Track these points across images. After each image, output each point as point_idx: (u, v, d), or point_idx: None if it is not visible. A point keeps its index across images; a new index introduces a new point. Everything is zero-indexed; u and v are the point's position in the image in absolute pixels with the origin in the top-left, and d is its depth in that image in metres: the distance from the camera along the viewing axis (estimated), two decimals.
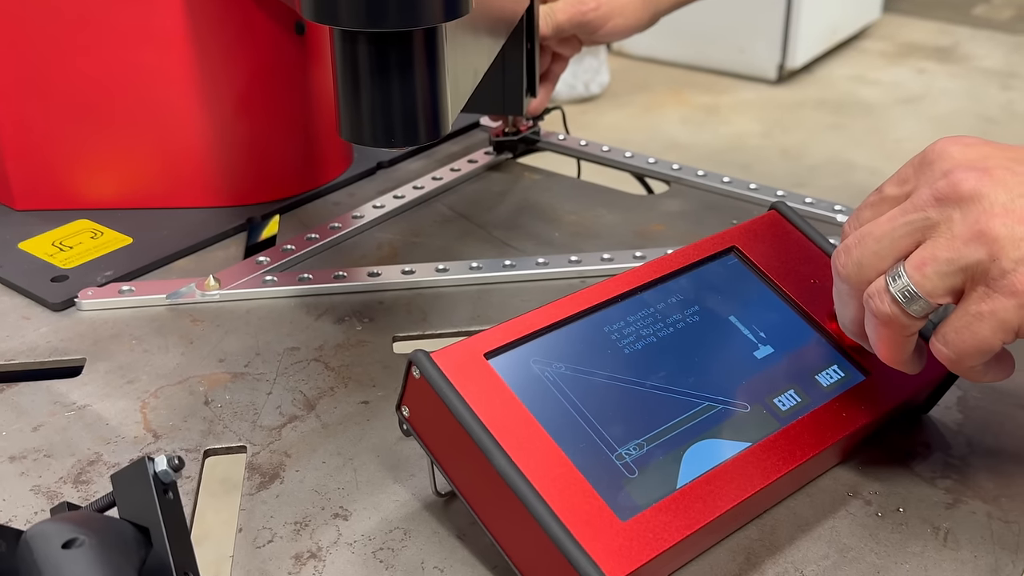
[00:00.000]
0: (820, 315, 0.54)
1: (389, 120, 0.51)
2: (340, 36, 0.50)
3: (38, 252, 0.70)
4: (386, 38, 0.49)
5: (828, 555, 0.47)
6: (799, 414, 0.49)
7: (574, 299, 0.51)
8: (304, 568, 0.47)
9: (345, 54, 0.50)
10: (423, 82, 0.51)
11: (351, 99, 0.51)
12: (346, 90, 0.51)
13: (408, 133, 0.52)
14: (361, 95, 0.51)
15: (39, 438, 0.54)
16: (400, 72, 0.50)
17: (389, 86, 0.50)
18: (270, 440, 0.54)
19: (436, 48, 0.50)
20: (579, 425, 0.46)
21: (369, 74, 0.50)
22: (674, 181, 0.83)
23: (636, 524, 0.42)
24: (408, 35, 0.49)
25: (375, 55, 0.49)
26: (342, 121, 0.53)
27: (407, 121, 0.52)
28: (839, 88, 3.08)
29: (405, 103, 0.51)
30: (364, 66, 0.50)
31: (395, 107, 0.51)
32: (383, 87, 0.50)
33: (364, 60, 0.50)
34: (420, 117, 0.52)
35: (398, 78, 0.50)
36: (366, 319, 0.65)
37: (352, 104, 0.51)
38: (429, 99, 0.51)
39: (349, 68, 0.50)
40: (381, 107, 0.51)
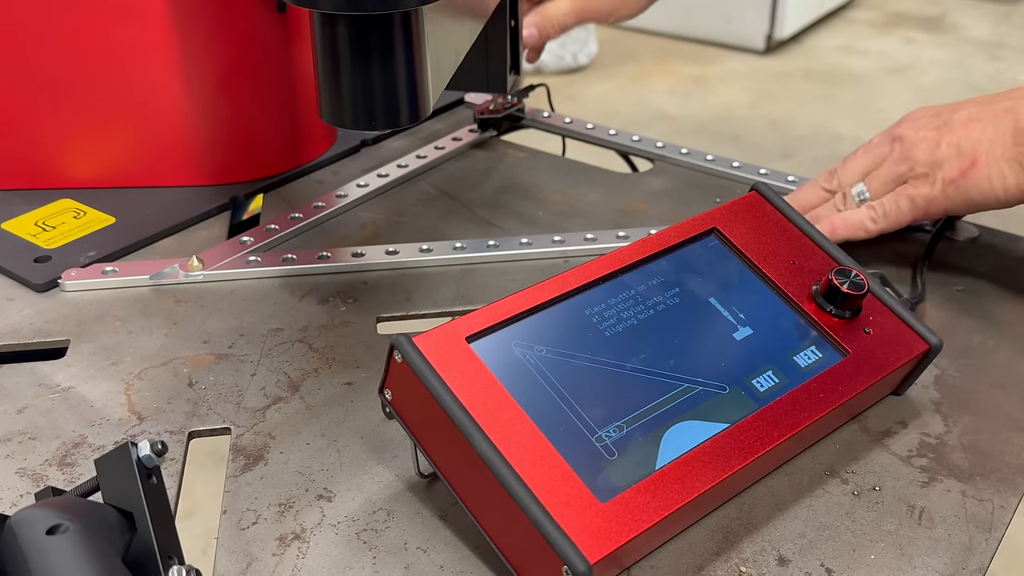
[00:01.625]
0: (799, 296, 0.54)
1: (370, 103, 0.51)
2: (320, 19, 0.50)
3: (21, 232, 0.70)
4: (366, 21, 0.49)
5: (805, 533, 0.48)
6: (777, 395, 0.49)
7: (555, 282, 0.51)
8: (288, 549, 0.47)
9: (325, 37, 0.50)
10: (403, 65, 0.51)
11: (331, 82, 0.51)
12: (326, 73, 0.51)
13: (389, 116, 0.52)
14: (341, 78, 0.51)
15: (24, 420, 0.55)
16: (380, 55, 0.50)
17: (369, 69, 0.50)
18: (254, 422, 0.55)
19: (415, 31, 0.50)
20: (560, 408, 0.46)
21: (349, 57, 0.50)
22: (658, 159, 0.84)
23: (615, 505, 0.43)
24: (388, 18, 0.49)
25: (355, 38, 0.49)
26: (323, 104, 0.53)
27: (388, 104, 0.52)
28: (827, 58, 3.07)
29: (386, 86, 0.51)
30: (344, 49, 0.50)
31: (376, 90, 0.51)
32: (363, 70, 0.50)
33: (344, 43, 0.50)
34: (401, 100, 0.52)
35: (378, 61, 0.50)
36: (350, 299, 0.66)
37: (333, 87, 0.51)
38: (409, 82, 0.51)
39: (329, 51, 0.50)
40: (362, 90, 0.51)
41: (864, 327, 0.54)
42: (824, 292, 0.53)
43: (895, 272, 0.68)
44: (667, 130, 2.56)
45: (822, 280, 0.54)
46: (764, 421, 0.48)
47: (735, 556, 0.47)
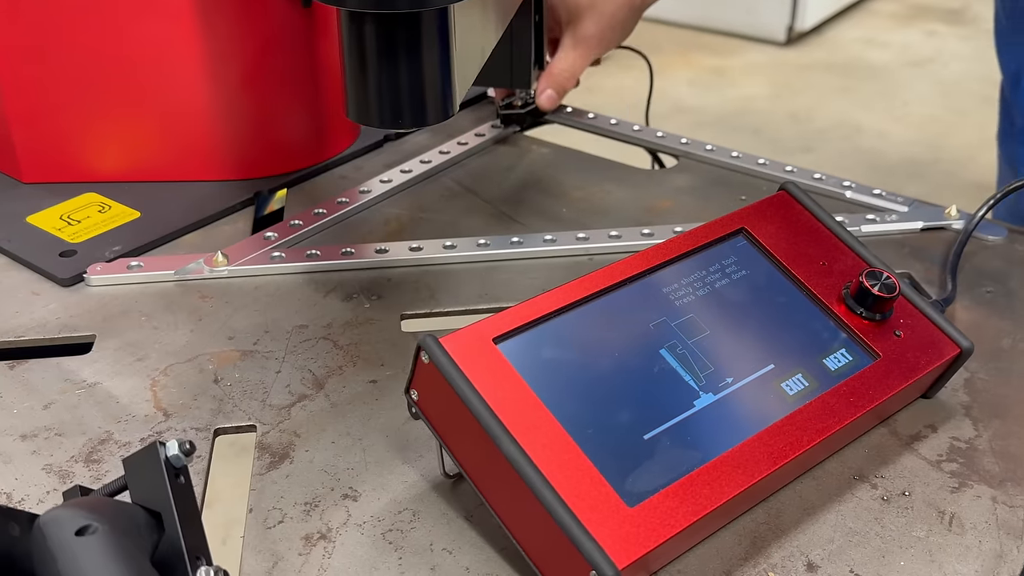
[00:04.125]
0: (829, 298, 0.54)
1: (397, 102, 0.51)
2: (347, 17, 0.49)
3: (46, 226, 0.70)
4: (395, 19, 0.48)
5: (833, 539, 0.48)
6: (807, 399, 0.49)
7: (582, 283, 0.50)
8: (314, 549, 0.47)
9: (352, 35, 0.50)
10: (431, 63, 0.50)
11: (358, 80, 0.51)
12: (353, 71, 0.51)
13: (416, 114, 0.52)
14: (368, 76, 0.50)
15: (50, 416, 0.55)
16: (408, 54, 0.49)
17: (397, 68, 0.50)
18: (279, 419, 0.55)
19: (445, 29, 0.50)
20: (587, 410, 0.46)
21: (377, 56, 0.50)
22: (682, 155, 0.83)
23: (643, 510, 0.43)
24: (416, 16, 0.49)
25: (383, 37, 0.49)
26: (349, 102, 0.52)
27: (415, 103, 0.51)
28: (848, 50, 3.05)
29: (413, 85, 0.50)
30: (372, 48, 0.49)
31: (403, 89, 0.50)
32: (392, 69, 0.50)
33: (372, 42, 0.49)
34: (428, 99, 0.51)
35: (407, 60, 0.50)
36: (374, 296, 0.65)
37: (359, 85, 0.51)
38: (438, 81, 0.51)
39: (356, 49, 0.50)
40: (389, 89, 0.50)
41: (895, 330, 0.53)
42: (854, 294, 0.53)
43: (922, 272, 0.67)
44: (686, 122, 2.55)
45: (852, 282, 0.53)
46: (794, 425, 0.48)
47: (763, 561, 0.46)
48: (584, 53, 0.83)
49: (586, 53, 0.83)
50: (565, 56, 0.83)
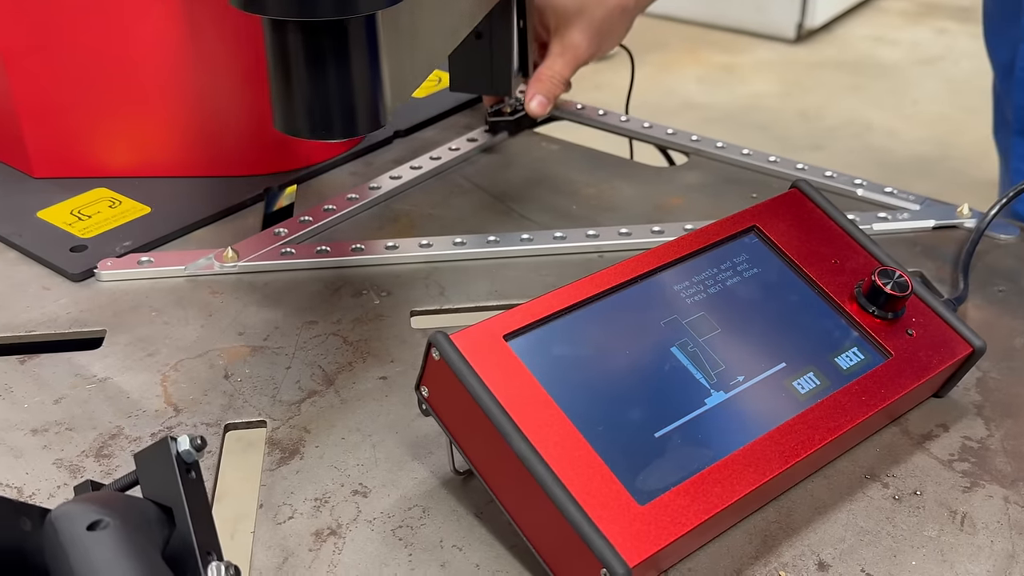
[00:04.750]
0: (841, 296, 0.53)
1: (326, 112, 0.49)
2: (270, 25, 0.48)
3: (56, 221, 0.70)
4: (320, 27, 0.47)
5: (845, 538, 0.47)
6: (818, 397, 0.49)
7: (593, 280, 0.50)
8: (324, 545, 0.47)
9: (276, 44, 0.48)
10: (360, 72, 0.49)
11: (283, 90, 0.49)
12: (278, 80, 0.49)
13: (346, 125, 0.50)
14: (294, 86, 0.48)
15: (60, 411, 0.55)
16: (333, 63, 0.48)
17: (322, 77, 0.48)
18: (290, 415, 0.55)
19: (373, 36, 0.48)
20: (598, 408, 0.46)
21: (303, 65, 0.48)
22: (693, 152, 0.83)
23: (654, 508, 0.43)
24: (341, 24, 0.47)
25: (307, 45, 0.47)
26: (275, 112, 0.50)
27: (344, 113, 0.49)
28: (858, 48, 3.04)
29: (342, 94, 0.49)
30: (297, 56, 0.48)
31: (332, 98, 0.49)
32: (318, 78, 0.48)
33: (297, 50, 0.47)
34: (359, 108, 0.50)
35: (334, 69, 0.48)
36: (384, 292, 0.65)
37: (285, 95, 0.49)
38: (366, 89, 0.49)
39: (281, 58, 0.48)
40: (317, 98, 0.49)
41: (907, 328, 0.53)
42: (867, 293, 0.53)
43: (934, 271, 0.67)
44: (695, 119, 2.54)
45: (865, 280, 0.53)
46: (805, 424, 0.47)
47: (774, 560, 0.46)
48: (572, 60, 0.82)
49: (574, 59, 0.82)
50: (553, 62, 0.82)
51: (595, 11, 0.81)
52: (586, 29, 0.81)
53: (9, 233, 0.69)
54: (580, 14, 0.81)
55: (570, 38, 0.81)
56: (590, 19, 0.81)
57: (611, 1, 0.82)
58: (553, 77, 0.82)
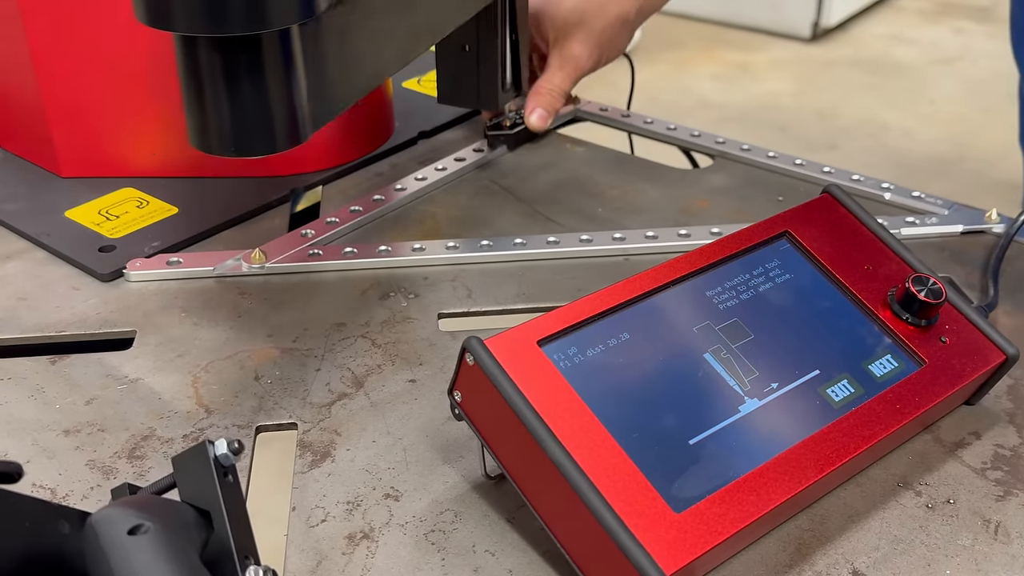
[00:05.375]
0: (874, 303, 0.53)
1: (237, 128, 0.48)
2: (180, 40, 0.46)
3: (85, 221, 0.71)
4: (228, 43, 0.45)
5: (879, 547, 0.47)
6: (852, 405, 0.49)
7: (626, 285, 0.50)
8: (358, 548, 0.47)
9: (185, 59, 0.46)
10: (275, 88, 0.47)
11: (194, 105, 0.48)
12: (189, 96, 0.48)
13: (262, 142, 0.49)
14: (206, 102, 0.47)
15: (92, 412, 0.55)
16: (246, 79, 0.46)
17: (235, 94, 0.47)
18: (320, 418, 0.55)
19: (287, 51, 0.47)
20: (632, 414, 0.46)
21: (212, 81, 0.46)
22: (718, 155, 0.82)
23: (690, 516, 0.43)
24: (251, 40, 0.46)
25: (217, 61, 0.46)
26: (189, 127, 0.49)
27: (256, 129, 0.48)
28: (874, 47, 3.02)
29: (253, 111, 0.47)
30: (206, 72, 0.46)
31: (243, 115, 0.47)
32: (228, 95, 0.47)
33: (205, 66, 0.46)
34: (274, 124, 0.48)
35: (243, 85, 0.46)
36: (411, 295, 0.65)
37: (196, 111, 0.48)
38: (282, 106, 0.48)
39: (190, 74, 0.47)
40: (230, 115, 0.47)
41: (940, 336, 0.53)
42: (900, 299, 0.52)
43: (963, 277, 0.67)
44: (710, 118, 2.54)
45: (898, 287, 0.53)
46: (840, 432, 0.47)
47: (808, 569, 0.46)
48: (572, 72, 0.81)
49: (574, 72, 0.81)
50: (553, 75, 0.81)
51: (595, 22, 0.80)
52: (586, 40, 0.80)
53: (38, 233, 0.70)
54: (580, 25, 0.80)
55: (570, 50, 0.80)
56: (590, 30, 0.80)
57: (611, 12, 0.80)
58: (553, 90, 0.80)
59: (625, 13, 0.81)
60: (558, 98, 0.81)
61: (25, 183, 0.75)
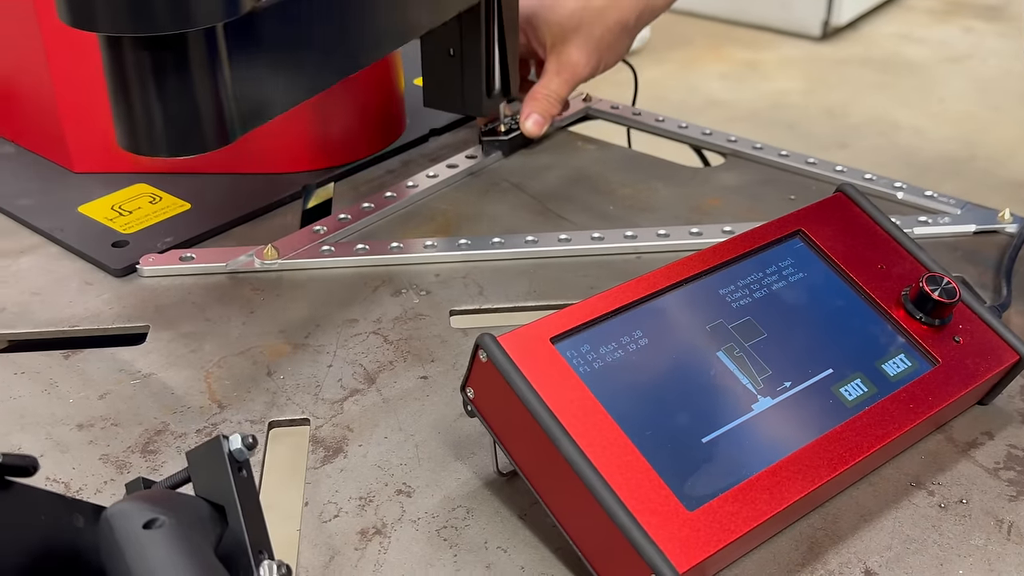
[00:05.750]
0: (887, 302, 0.53)
1: (167, 128, 0.48)
2: (105, 41, 0.46)
3: (97, 216, 0.71)
4: (155, 42, 0.46)
5: (891, 546, 0.47)
6: (866, 404, 0.49)
7: (639, 283, 0.50)
8: (370, 544, 0.47)
9: (112, 60, 0.46)
10: (204, 87, 0.47)
11: (124, 106, 0.48)
12: (118, 97, 0.48)
13: (188, 142, 0.49)
14: (133, 103, 0.47)
15: (105, 406, 0.55)
16: (175, 78, 0.46)
17: (164, 93, 0.47)
18: (332, 414, 0.55)
19: (214, 50, 0.47)
20: (644, 412, 0.46)
21: (139, 81, 0.46)
22: (730, 154, 0.82)
23: (703, 514, 0.43)
24: (179, 38, 0.46)
25: (143, 61, 0.46)
26: (117, 128, 0.49)
27: (186, 129, 0.48)
28: (884, 46, 3.02)
29: (183, 111, 0.47)
30: (132, 73, 0.46)
31: (172, 115, 0.47)
32: (157, 94, 0.47)
33: (132, 66, 0.46)
34: (203, 125, 0.49)
35: (173, 84, 0.46)
36: (423, 292, 0.65)
37: (125, 111, 0.48)
38: (212, 106, 0.48)
39: (118, 74, 0.47)
40: (157, 115, 0.47)
41: (954, 336, 0.52)
42: (914, 299, 0.52)
43: (976, 277, 0.67)
44: (719, 117, 2.53)
45: (912, 286, 0.53)
46: (853, 431, 0.47)
47: (821, 568, 0.46)
48: (569, 78, 0.79)
49: (571, 78, 0.80)
50: (550, 80, 0.79)
51: (594, 28, 0.78)
52: (584, 46, 0.79)
53: (51, 228, 0.70)
54: (578, 31, 0.78)
55: (567, 55, 0.79)
56: (588, 36, 0.79)
57: (610, 18, 0.79)
58: (549, 96, 0.79)
59: (625, 19, 0.79)
60: (555, 104, 0.80)
61: (38, 178, 0.76)
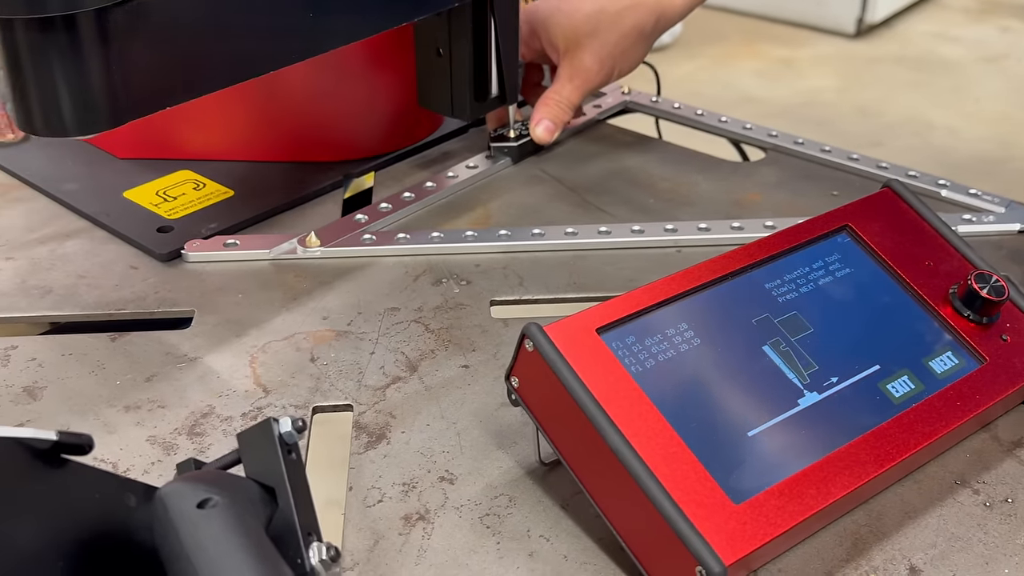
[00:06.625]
0: (935, 299, 0.53)
1: (59, 108, 0.49)
2: None
3: (142, 201, 0.72)
4: (43, 24, 0.47)
5: (936, 543, 0.47)
6: (913, 401, 0.48)
7: (685, 276, 0.50)
8: (414, 529, 0.48)
9: (5, 40, 0.48)
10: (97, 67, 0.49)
11: (17, 87, 0.49)
12: (13, 78, 0.49)
13: (84, 122, 0.50)
14: (26, 83, 0.49)
15: (152, 388, 0.56)
16: (69, 59, 0.48)
17: (52, 73, 0.48)
18: (375, 400, 0.55)
19: (104, 32, 0.48)
20: (690, 404, 0.46)
21: (31, 62, 0.48)
22: (771, 148, 0.82)
23: (749, 508, 0.43)
24: (69, 19, 0.47)
25: (32, 42, 0.47)
26: (15, 110, 0.50)
27: (75, 110, 0.49)
28: (919, 44, 2.98)
29: (72, 92, 0.49)
30: (23, 54, 0.48)
31: (62, 95, 0.49)
32: (47, 74, 0.48)
33: (23, 48, 0.48)
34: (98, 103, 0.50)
35: (65, 65, 0.48)
36: (463, 281, 0.66)
37: (20, 92, 0.49)
38: (103, 85, 0.49)
39: (11, 56, 0.48)
40: (51, 94, 0.49)
41: (1001, 334, 0.52)
42: (962, 296, 0.52)
43: (1020, 276, 0.66)
44: (752, 113, 2.51)
45: (960, 284, 0.52)
46: (900, 428, 0.47)
47: (865, 563, 0.46)
48: (582, 84, 0.77)
49: (584, 84, 0.77)
50: (562, 86, 0.77)
51: (609, 34, 0.76)
52: (598, 52, 0.76)
53: (96, 212, 0.71)
54: (592, 36, 0.76)
55: (580, 61, 0.76)
56: (603, 42, 0.76)
57: (626, 24, 0.76)
58: (561, 102, 0.78)
59: (642, 24, 0.76)
60: (566, 110, 0.78)
61: (83, 163, 0.76)
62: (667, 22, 0.78)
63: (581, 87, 0.78)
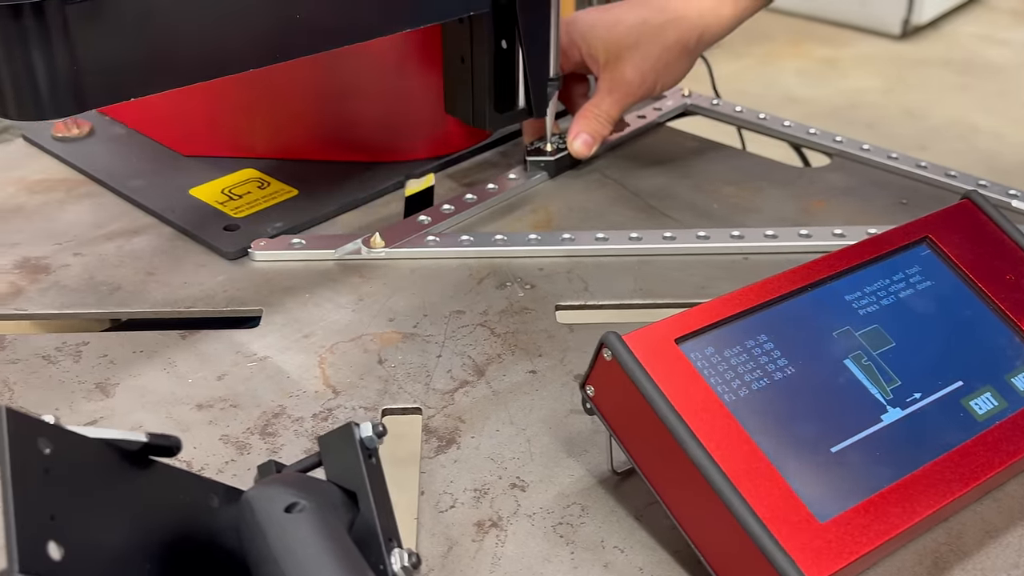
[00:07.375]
0: (1017, 314, 0.52)
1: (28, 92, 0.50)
2: None
3: (208, 199, 0.72)
4: (12, 10, 0.48)
5: (1019, 564, 0.46)
6: (996, 419, 0.47)
7: (764, 286, 0.50)
8: (487, 536, 0.47)
9: None
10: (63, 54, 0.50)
11: None
12: None
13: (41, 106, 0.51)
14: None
15: (224, 387, 0.56)
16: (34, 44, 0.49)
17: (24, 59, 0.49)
18: (444, 404, 0.55)
19: (67, 19, 0.49)
20: (771, 418, 0.45)
21: (5, 47, 0.49)
22: (836, 154, 0.81)
23: (835, 525, 0.42)
24: (37, 6, 0.48)
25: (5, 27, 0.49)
26: None
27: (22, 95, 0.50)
28: (966, 47, 2.94)
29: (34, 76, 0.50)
30: None
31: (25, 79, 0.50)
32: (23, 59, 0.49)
33: None
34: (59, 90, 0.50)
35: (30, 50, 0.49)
36: (528, 285, 0.65)
37: None
38: (67, 71, 0.50)
39: None
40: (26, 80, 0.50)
41: None
42: None
43: None
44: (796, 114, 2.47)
45: None
46: (984, 446, 0.46)
47: None
48: (622, 98, 0.75)
49: (624, 98, 0.75)
50: (601, 100, 0.75)
51: (651, 47, 0.74)
52: (640, 65, 0.74)
53: (163, 209, 0.71)
54: (634, 49, 0.74)
55: (621, 74, 0.75)
56: (645, 55, 0.74)
57: (669, 38, 0.74)
58: (600, 116, 0.76)
59: (685, 39, 0.75)
60: (605, 124, 0.76)
61: (149, 160, 0.77)
62: (711, 37, 0.76)
63: (621, 100, 0.76)
